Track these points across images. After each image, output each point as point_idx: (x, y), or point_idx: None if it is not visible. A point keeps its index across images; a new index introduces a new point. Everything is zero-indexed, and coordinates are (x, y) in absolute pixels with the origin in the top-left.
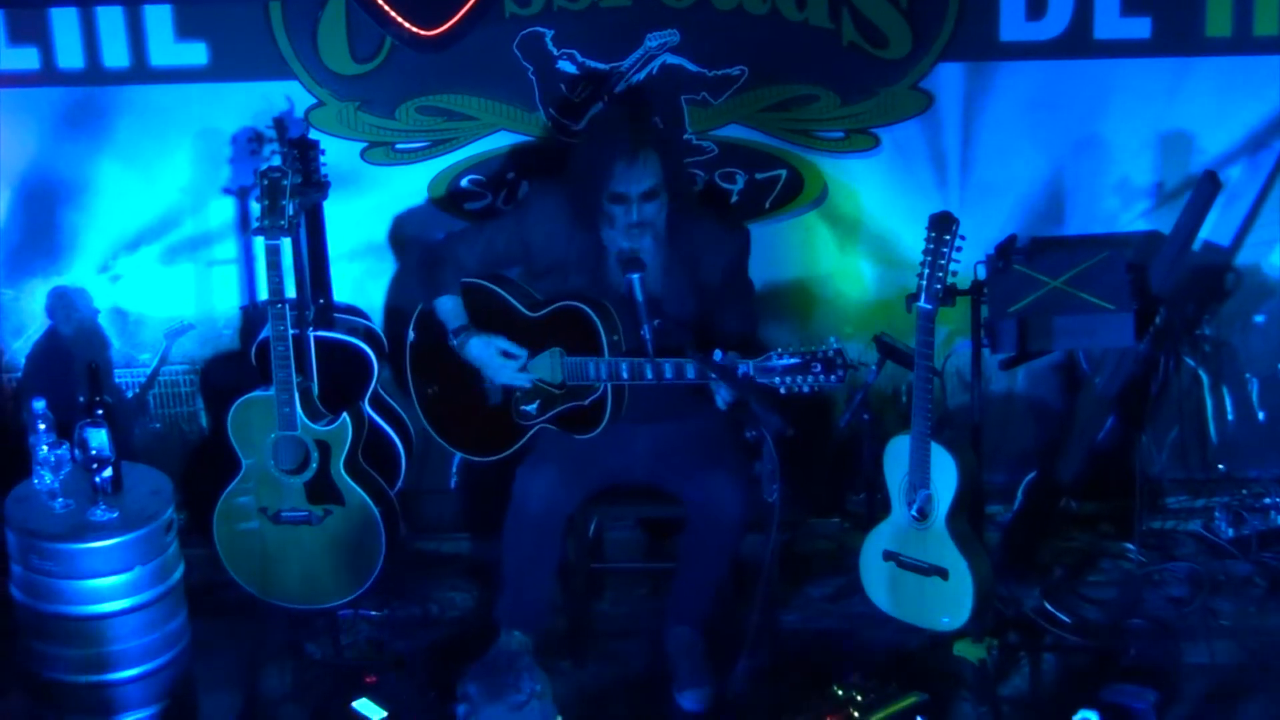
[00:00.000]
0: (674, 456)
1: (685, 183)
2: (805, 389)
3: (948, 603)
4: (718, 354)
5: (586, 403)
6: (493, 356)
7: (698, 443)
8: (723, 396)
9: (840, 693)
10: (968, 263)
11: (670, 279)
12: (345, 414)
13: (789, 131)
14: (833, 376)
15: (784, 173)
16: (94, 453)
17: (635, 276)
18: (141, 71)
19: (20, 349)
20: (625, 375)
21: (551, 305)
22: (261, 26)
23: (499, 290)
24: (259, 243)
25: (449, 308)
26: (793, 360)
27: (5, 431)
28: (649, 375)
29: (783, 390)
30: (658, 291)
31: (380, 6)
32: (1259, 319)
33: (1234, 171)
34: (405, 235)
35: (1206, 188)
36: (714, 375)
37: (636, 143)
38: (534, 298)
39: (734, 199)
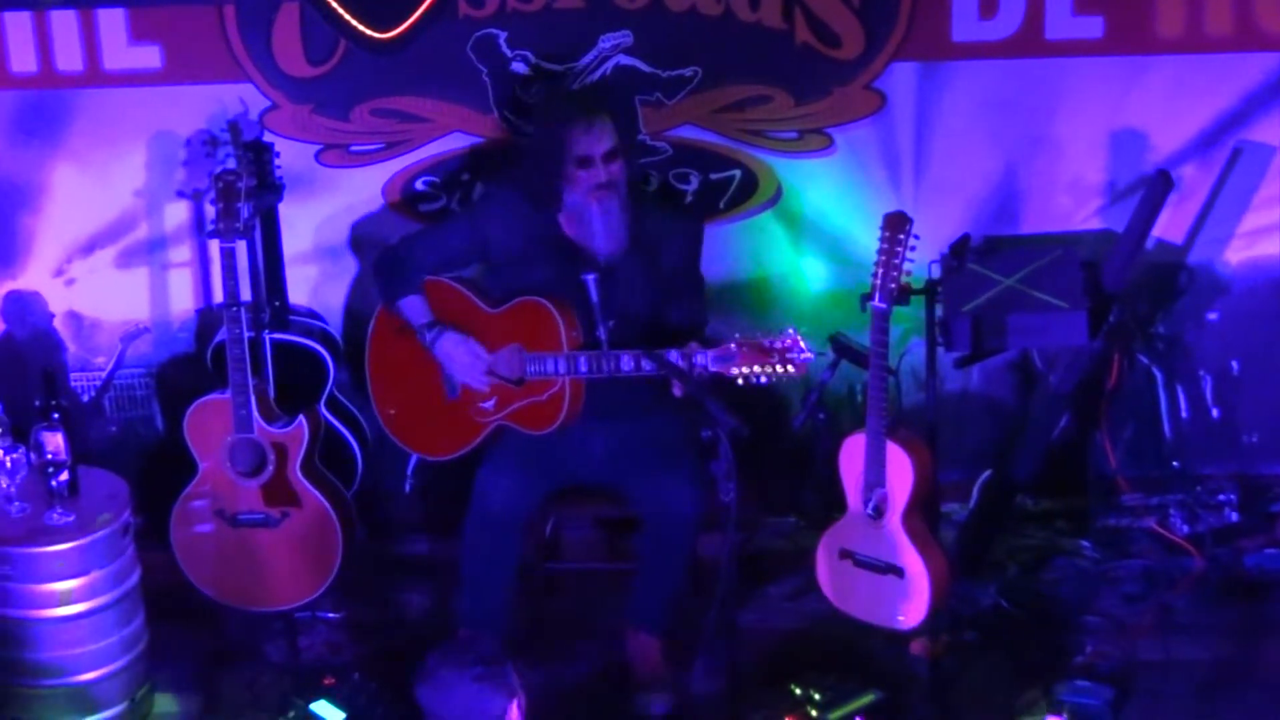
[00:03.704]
0: (630, 455)
1: (638, 167)
2: (763, 380)
3: (904, 601)
4: (674, 354)
5: (544, 398)
6: (464, 355)
7: (653, 442)
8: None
9: (798, 691)
10: (922, 262)
11: (630, 261)
12: (302, 416)
13: (743, 132)
14: (789, 366)
15: (738, 173)
16: (50, 457)
17: (590, 277)
18: (95, 75)
19: None
20: (584, 369)
21: (512, 300)
22: (215, 29)
23: (460, 287)
24: (214, 246)
25: (415, 305)
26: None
27: None
28: (607, 368)
29: (739, 381)
30: (619, 274)
31: (334, 9)
32: (1212, 316)
33: (1186, 170)
34: (362, 237)
35: (1159, 186)
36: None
37: (591, 107)
38: (493, 294)
39: (688, 199)
